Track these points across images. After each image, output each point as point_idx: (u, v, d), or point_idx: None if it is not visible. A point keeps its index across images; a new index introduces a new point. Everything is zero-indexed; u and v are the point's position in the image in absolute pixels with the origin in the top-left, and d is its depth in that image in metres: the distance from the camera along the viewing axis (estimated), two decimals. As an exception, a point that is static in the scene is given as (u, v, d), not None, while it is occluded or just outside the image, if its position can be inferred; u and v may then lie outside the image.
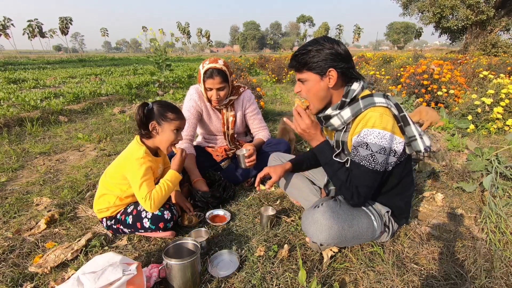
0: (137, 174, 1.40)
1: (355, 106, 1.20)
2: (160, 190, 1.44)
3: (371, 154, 1.13)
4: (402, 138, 1.18)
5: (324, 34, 72.95)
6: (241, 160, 1.80)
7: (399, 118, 1.18)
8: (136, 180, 1.40)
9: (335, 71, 1.18)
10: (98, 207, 1.51)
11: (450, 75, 4.17)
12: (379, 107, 1.15)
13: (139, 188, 1.40)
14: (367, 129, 1.14)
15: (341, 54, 1.18)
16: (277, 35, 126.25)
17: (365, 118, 1.16)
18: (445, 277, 1.23)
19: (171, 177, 1.50)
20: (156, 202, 1.42)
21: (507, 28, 19.36)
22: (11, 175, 2.32)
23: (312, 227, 1.20)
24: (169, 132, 1.46)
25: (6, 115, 3.78)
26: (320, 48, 1.17)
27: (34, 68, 13.98)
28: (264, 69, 11.72)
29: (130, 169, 1.42)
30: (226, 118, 2.05)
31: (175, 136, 1.48)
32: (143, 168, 1.41)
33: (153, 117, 1.43)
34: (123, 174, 1.45)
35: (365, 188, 1.18)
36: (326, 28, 73.47)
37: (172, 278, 1.12)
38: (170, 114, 1.45)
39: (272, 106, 5.12)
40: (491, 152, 2.19)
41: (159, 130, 1.45)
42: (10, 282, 1.22)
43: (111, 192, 1.49)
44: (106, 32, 69.77)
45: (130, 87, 6.69)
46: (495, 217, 1.59)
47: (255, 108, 2.14)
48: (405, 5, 23.12)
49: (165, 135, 1.46)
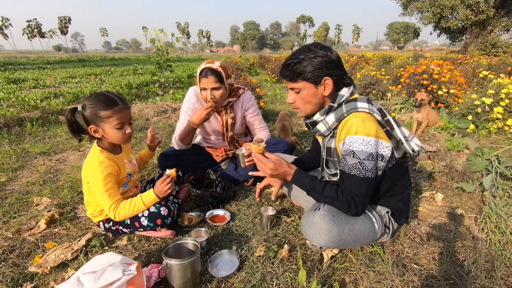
0: (99, 184, 1.32)
1: (339, 111, 1.20)
2: (129, 207, 1.37)
3: (359, 162, 1.12)
4: (389, 142, 1.17)
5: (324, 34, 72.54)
6: (241, 159, 1.80)
7: (383, 123, 1.17)
8: (99, 190, 1.33)
9: (330, 79, 1.17)
10: (90, 211, 1.50)
11: (450, 75, 4.17)
12: (361, 112, 1.15)
13: (101, 199, 1.34)
14: (350, 136, 1.13)
15: (335, 61, 1.17)
16: (277, 35, 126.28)
17: (347, 124, 1.15)
18: (445, 277, 1.23)
19: (147, 199, 1.40)
20: (121, 216, 1.37)
21: (507, 28, 19.35)
22: (11, 175, 2.32)
23: (312, 230, 1.19)
24: (112, 130, 1.32)
25: (6, 115, 3.78)
26: (313, 57, 1.15)
27: (34, 68, 13.97)
28: (264, 69, 11.71)
29: (91, 177, 1.34)
30: (226, 121, 2.05)
31: (121, 133, 1.34)
32: (103, 175, 1.31)
33: (89, 120, 1.30)
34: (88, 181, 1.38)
35: (360, 197, 1.17)
36: (326, 28, 73.45)
37: (172, 278, 1.12)
38: (102, 112, 1.28)
39: (272, 106, 5.12)
40: (491, 152, 2.19)
41: (101, 131, 1.32)
42: (10, 282, 1.22)
43: (92, 198, 1.45)
44: (106, 32, 69.75)
45: (130, 87, 6.69)
46: (495, 217, 1.59)
47: (255, 110, 2.14)
48: (404, 5, 23.09)
49: (110, 135, 1.33)
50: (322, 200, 1.25)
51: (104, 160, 1.34)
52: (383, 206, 1.35)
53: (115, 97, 1.32)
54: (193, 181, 1.90)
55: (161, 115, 4.29)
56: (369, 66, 9.52)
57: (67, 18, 50.33)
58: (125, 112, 1.34)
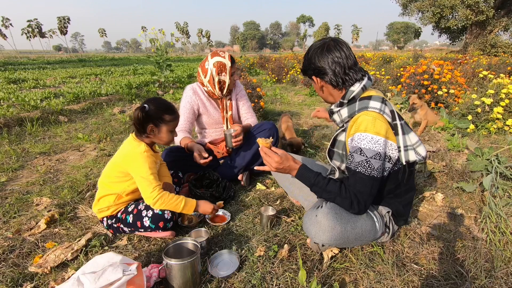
0: (143, 168, 1.40)
1: (352, 108, 1.22)
2: (171, 199, 1.42)
3: (366, 160, 1.12)
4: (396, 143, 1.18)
5: (324, 34, 72.69)
6: (228, 139, 1.90)
7: (392, 126, 1.18)
8: (143, 174, 1.40)
9: (317, 78, 1.26)
10: (99, 207, 1.51)
11: (450, 75, 4.17)
12: (372, 112, 1.15)
13: (147, 182, 1.39)
14: (359, 133, 1.14)
15: (334, 63, 1.21)
16: (277, 35, 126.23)
17: (358, 121, 1.16)
18: (445, 277, 1.23)
19: (186, 204, 1.47)
20: (160, 202, 1.40)
21: (506, 28, 19.35)
22: (11, 175, 2.32)
23: (314, 227, 1.19)
24: (166, 133, 1.49)
25: (6, 115, 3.78)
26: (308, 57, 1.26)
27: (34, 68, 13.97)
28: (264, 69, 11.72)
29: (134, 164, 1.42)
30: (225, 103, 2.18)
31: (172, 136, 1.52)
32: (148, 162, 1.41)
33: (150, 119, 1.43)
34: (123, 171, 1.45)
35: (364, 195, 1.16)
36: (326, 28, 73.37)
37: (172, 278, 1.12)
38: (167, 116, 1.46)
39: (272, 106, 5.12)
40: (491, 152, 2.19)
41: (157, 132, 1.47)
42: (10, 282, 1.22)
43: (111, 191, 1.49)
44: (104, 32, 69.64)
45: (130, 87, 6.69)
46: (495, 217, 1.59)
47: (244, 94, 2.31)
48: (404, 5, 23.09)
49: (162, 136, 1.49)
50: (325, 195, 1.24)
51: (147, 150, 1.46)
52: (384, 206, 1.35)
53: (173, 106, 1.52)
54: (193, 181, 1.90)
55: (161, 115, 4.28)
56: (369, 66, 9.53)
57: (66, 18, 50.31)
58: (178, 119, 1.55)
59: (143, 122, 1.43)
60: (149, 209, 1.46)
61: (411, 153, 1.21)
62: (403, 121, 1.22)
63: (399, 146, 1.19)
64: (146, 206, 1.48)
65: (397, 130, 1.18)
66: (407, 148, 1.20)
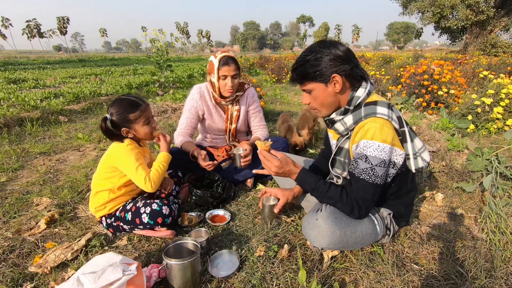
0: (130, 161, 1.44)
1: (357, 114, 1.16)
2: (157, 171, 1.51)
3: (370, 168, 1.10)
4: (403, 150, 1.15)
5: (325, 34, 72.52)
6: (237, 159, 1.85)
7: (399, 132, 1.15)
8: (131, 166, 1.44)
9: (339, 75, 1.13)
10: (94, 205, 1.52)
11: (450, 75, 4.17)
12: (380, 118, 1.11)
13: (136, 173, 1.44)
14: (366, 141, 1.11)
15: (341, 57, 1.12)
16: (277, 35, 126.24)
17: (364, 127, 1.12)
18: (445, 277, 1.23)
19: (163, 158, 1.57)
20: (156, 181, 1.49)
21: (506, 28, 19.34)
22: (11, 175, 2.32)
23: (314, 232, 1.18)
24: (142, 128, 1.50)
25: (6, 115, 3.78)
26: (318, 56, 1.13)
27: (34, 68, 13.97)
28: (264, 69, 11.71)
29: (121, 158, 1.46)
30: (231, 113, 2.08)
31: (149, 128, 1.52)
32: (133, 154, 1.45)
33: (119, 126, 1.45)
34: (112, 166, 1.48)
35: (366, 201, 1.15)
36: (326, 28, 73.34)
37: (172, 278, 1.12)
38: (132, 115, 1.45)
39: (272, 106, 5.12)
40: (491, 152, 2.19)
41: (132, 131, 1.49)
42: (10, 282, 1.22)
43: (103, 188, 1.51)
44: (105, 32, 69.68)
45: (130, 87, 6.69)
46: (495, 217, 1.59)
47: (258, 106, 2.18)
48: (404, 5, 23.07)
49: (140, 132, 1.51)
50: (325, 201, 1.23)
51: (131, 143, 1.49)
52: (386, 208, 1.35)
53: (136, 99, 1.49)
54: (193, 181, 1.90)
55: (161, 115, 4.29)
56: (369, 66, 9.53)
57: (66, 18, 50.28)
58: (148, 109, 1.51)
59: (113, 131, 1.45)
60: (147, 206, 1.47)
61: (419, 160, 1.18)
62: (408, 127, 1.18)
63: (408, 154, 1.16)
64: (144, 204, 1.48)
65: (405, 137, 1.15)
66: (416, 156, 1.17)
